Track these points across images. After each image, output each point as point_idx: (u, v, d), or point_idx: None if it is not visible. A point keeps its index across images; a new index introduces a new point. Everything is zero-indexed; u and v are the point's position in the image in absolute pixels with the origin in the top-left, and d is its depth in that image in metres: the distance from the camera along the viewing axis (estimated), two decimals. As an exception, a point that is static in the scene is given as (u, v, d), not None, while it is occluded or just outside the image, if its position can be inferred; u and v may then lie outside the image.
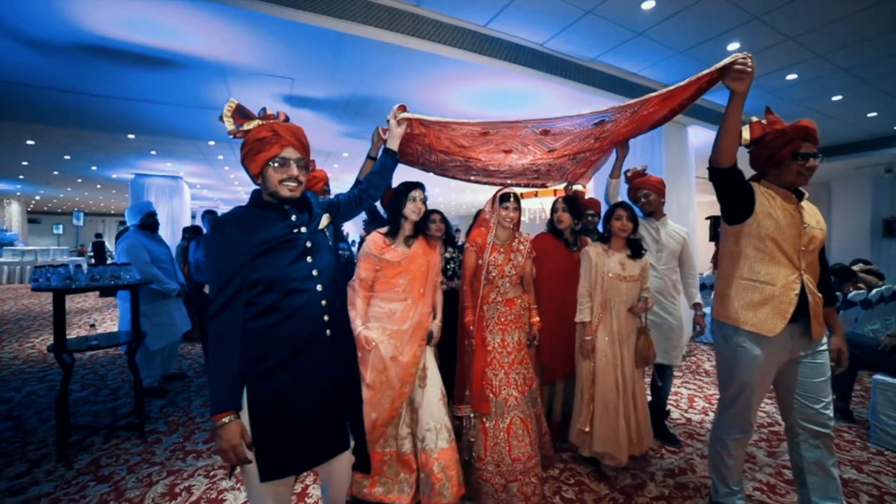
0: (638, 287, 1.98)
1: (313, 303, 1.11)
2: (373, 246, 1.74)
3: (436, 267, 1.83)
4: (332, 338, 1.15)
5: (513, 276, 1.92)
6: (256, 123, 1.10)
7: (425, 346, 1.75)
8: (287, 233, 1.11)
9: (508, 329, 1.91)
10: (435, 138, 1.81)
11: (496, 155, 2.01)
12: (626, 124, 1.75)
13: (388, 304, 1.73)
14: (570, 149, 1.98)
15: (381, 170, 1.51)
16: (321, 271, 1.14)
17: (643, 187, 2.35)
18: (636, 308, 1.95)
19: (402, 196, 1.77)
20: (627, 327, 1.97)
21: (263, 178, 1.12)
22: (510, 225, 1.91)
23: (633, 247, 2.00)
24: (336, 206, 1.38)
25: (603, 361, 1.94)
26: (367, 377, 1.65)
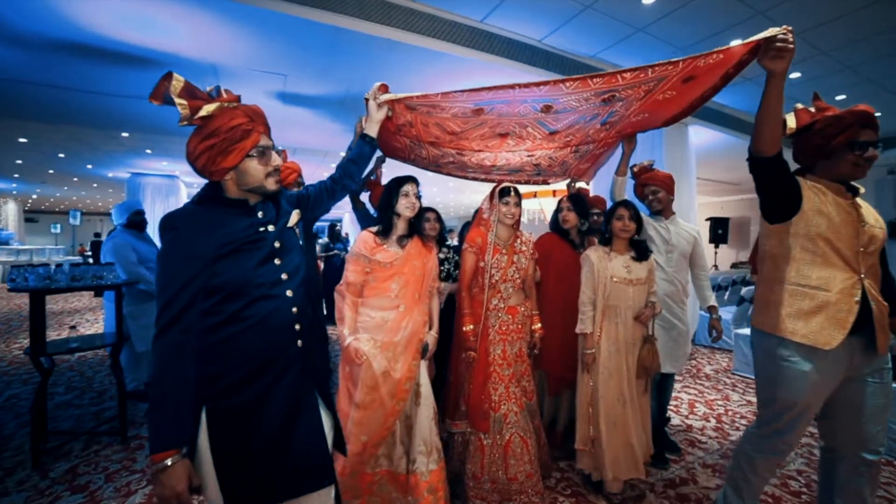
0: (645, 291, 1.83)
1: (283, 310, 0.99)
2: (363, 245, 1.60)
3: (432, 270, 1.69)
4: (304, 349, 1.03)
5: (516, 280, 1.79)
6: (217, 107, 0.93)
7: (420, 359, 1.60)
8: (253, 232, 0.97)
9: (510, 339, 1.77)
10: (422, 126, 1.65)
11: (491, 141, 1.82)
12: (637, 109, 1.55)
13: (379, 312, 1.58)
14: (573, 134, 1.79)
15: (357, 157, 1.36)
16: (291, 275, 1.02)
17: (651, 184, 2.18)
18: (643, 316, 1.79)
19: (393, 191, 1.65)
20: (634, 336, 1.81)
21: (240, 174, 0.97)
22: (511, 222, 1.78)
23: (637, 248, 1.85)
24: (305, 199, 1.23)
25: (605, 374, 1.77)
26: (356, 395, 1.50)
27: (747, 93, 4.09)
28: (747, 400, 3.08)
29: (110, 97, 3.95)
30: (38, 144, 6.25)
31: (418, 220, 1.74)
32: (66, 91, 3.81)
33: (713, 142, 5.03)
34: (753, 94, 4.08)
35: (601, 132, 1.79)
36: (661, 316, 1.99)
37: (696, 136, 4.47)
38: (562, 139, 1.84)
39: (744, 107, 4.51)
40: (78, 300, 7.85)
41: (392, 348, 1.54)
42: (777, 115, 1.21)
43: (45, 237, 17.06)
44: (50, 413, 2.65)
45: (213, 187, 0.99)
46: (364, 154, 1.37)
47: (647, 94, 1.41)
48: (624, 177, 2.12)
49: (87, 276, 2.30)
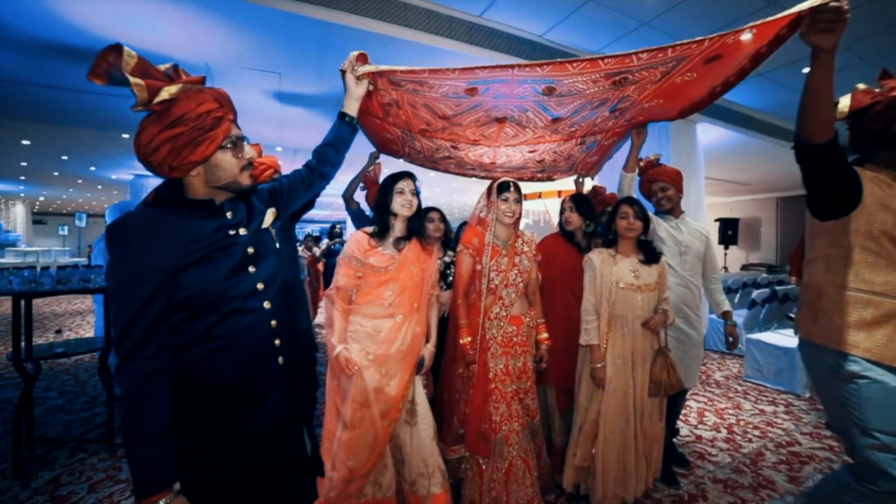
0: (655, 298, 1.64)
1: (260, 325, 0.88)
2: (355, 247, 1.46)
3: (432, 277, 1.54)
4: (286, 366, 0.93)
5: (518, 284, 1.63)
6: (181, 89, 0.78)
7: (415, 375, 1.47)
8: (222, 236, 0.85)
9: (514, 353, 1.60)
10: (410, 108, 1.49)
11: (488, 129, 1.65)
12: (651, 94, 1.39)
13: (372, 320, 1.43)
14: (578, 123, 1.62)
15: (335, 140, 1.19)
16: (268, 283, 0.91)
17: (660, 180, 1.99)
18: (652, 322, 1.59)
19: (388, 189, 1.51)
20: (643, 348, 1.63)
21: (210, 169, 0.83)
22: (511, 221, 1.62)
23: (645, 250, 1.67)
24: (279, 194, 1.07)
25: (609, 391, 1.60)
26: (345, 413, 1.36)
27: (758, 90, 3.95)
28: (760, 409, 2.94)
29: (107, 97, 3.93)
30: (40, 146, 6.27)
31: (419, 221, 1.60)
32: (64, 92, 3.79)
33: (722, 140, 4.88)
34: (764, 90, 3.94)
35: (609, 120, 1.62)
36: (674, 325, 1.81)
37: (705, 134, 4.34)
38: (566, 128, 1.66)
39: (754, 104, 4.37)
40: (81, 302, 7.87)
41: (386, 362, 1.40)
42: (827, 96, 1.03)
43: (53, 239, 17.26)
44: (41, 418, 2.60)
45: (172, 186, 0.86)
46: (343, 136, 1.20)
47: (665, 76, 1.24)
48: (633, 173, 1.94)
49: (73, 280, 2.24)
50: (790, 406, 2.99)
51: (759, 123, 4.61)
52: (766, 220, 9.43)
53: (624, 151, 1.97)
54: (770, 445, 2.39)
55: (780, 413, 2.87)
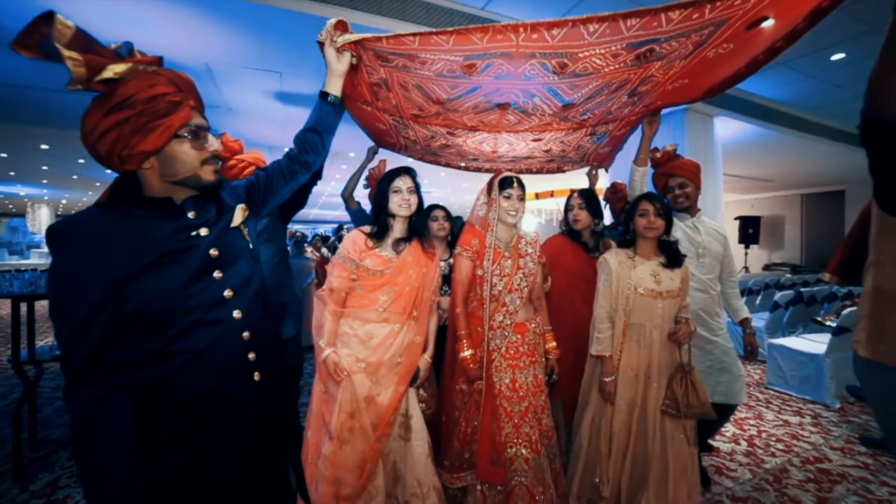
0: (677, 305, 1.49)
1: (229, 338, 0.79)
2: (351, 247, 1.38)
3: (433, 282, 1.44)
4: (264, 382, 0.83)
5: (523, 290, 1.50)
6: (130, 68, 0.69)
7: (408, 386, 1.38)
8: (180, 238, 0.76)
9: (521, 365, 1.47)
10: (401, 90, 1.34)
11: (488, 115, 1.49)
12: (677, 73, 1.20)
13: (364, 325, 1.34)
14: (592, 110, 1.45)
15: (317, 124, 1.05)
16: (238, 290, 0.81)
17: (677, 174, 1.81)
18: (679, 334, 1.42)
19: (384, 188, 1.42)
20: (662, 362, 1.47)
21: (166, 161, 0.75)
22: (514, 219, 1.50)
23: (667, 252, 1.51)
24: (255, 188, 0.97)
25: (619, 406, 1.47)
26: (331, 423, 1.26)
27: (781, 80, 3.72)
28: (784, 420, 2.75)
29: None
30: (59, 151, 6.45)
31: (421, 221, 1.49)
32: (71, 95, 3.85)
33: (741, 134, 4.65)
34: (788, 81, 3.72)
35: (625, 107, 1.45)
36: (695, 334, 1.64)
37: (723, 128, 4.13)
38: (576, 116, 1.50)
39: (777, 95, 4.13)
40: None
41: (378, 370, 1.31)
42: None
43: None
44: (47, 419, 2.62)
45: (127, 182, 0.76)
46: (326, 119, 1.07)
47: (697, 48, 1.06)
48: (645, 167, 1.78)
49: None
50: (818, 417, 2.79)
51: (783, 116, 4.36)
52: (791, 217, 9.02)
53: (634, 141, 1.80)
54: (796, 461, 2.21)
55: (806, 425, 2.67)
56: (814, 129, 4.67)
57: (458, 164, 2.13)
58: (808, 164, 6.33)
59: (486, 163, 2.10)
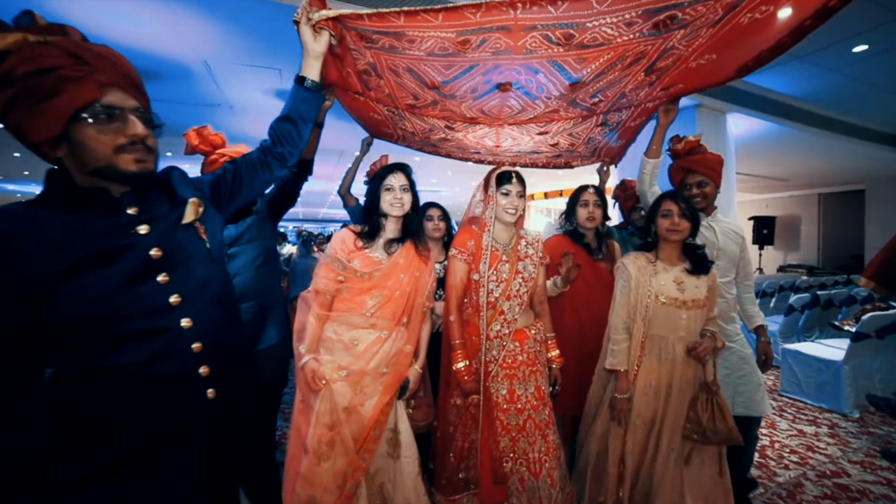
0: (703, 317, 1.37)
1: (174, 351, 0.70)
2: (339, 246, 1.29)
3: (426, 288, 1.35)
4: (219, 402, 0.75)
5: (523, 296, 1.39)
6: (16, 39, 0.61)
7: (396, 398, 1.29)
8: (114, 236, 0.67)
9: (519, 375, 1.36)
10: (391, 75, 1.24)
11: (488, 101, 1.36)
12: (704, 45, 1.04)
13: (349, 330, 1.26)
14: (603, 91, 1.29)
15: (291, 112, 0.95)
16: (189, 295, 0.73)
17: (697, 171, 1.61)
18: (700, 349, 1.29)
19: (376, 185, 1.34)
20: (686, 378, 1.33)
21: (75, 148, 0.65)
22: (514, 218, 1.39)
23: (693, 256, 1.39)
24: (221, 182, 0.89)
25: (634, 426, 1.34)
26: (308, 436, 1.16)
27: (798, 75, 3.57)
28: (798, 430, 2.63)
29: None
30: (71, 150, 6.56)
31: (416, 220, 1.40)
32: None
33: (756, 132, 4.49)
34: (806, 76, 3.56)
35: (642, 88, 1.28)
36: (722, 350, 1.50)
37: (736, 125, 3.99)
38: (586, 98, 1.35)
39: (794, 91, 3.97)
40: None
41: (362, 379, 1.22)
42: None
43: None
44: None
45: (58, 173, 0.68)
46: (301, 107, 0.96)
47: (728, 11, 0.92)
48: (657, 159, 1.61)
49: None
50: (835, 427, 2.66)
51: (800, 112, 4.19)
52: (807, 217, 8.74)
53: (645, 133, 1.66)
54: (811, 475, 2.10)
55: (822, 436, 2.55)
56: (833, 126, 4.48)
57: (458, 155, 2.04)
58: (827, 163, 6.10)
59: (488, 156, 1.98)
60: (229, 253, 1.40)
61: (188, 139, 1.41)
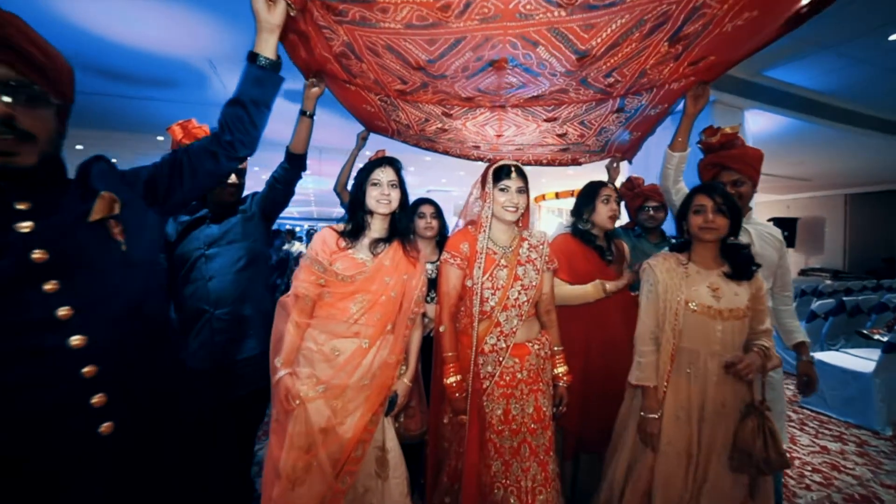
0: (744, 330, 1.20)
1: (57, 375, 0.60)
2: (320, 247, 1.19)
3: (415, 292, 1.25)
4: (118, 439, 0.64)
5: (522, 306, 1.25)
6: None
7: (382, 414, 1.18)
8: None
9: (517, 395, 1.23)
10: (372, 57, 1.12)
11: (482, 79, 1.21)
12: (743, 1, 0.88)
13: (330, 339, 1.16)
14: (618, 69, 1.12)
15: (242, 94, 0.85)
16: (84, 308, 0.62)
17: (732, 167, 1.43)
18: (741, 367, 1.12)
19: (362, 180, 1.25)
20: (721, 399, 1.17)
21: None
22: (513, 217, 1.25)
23: (734, 259, 1.22)
24: (159, 174, 0.79)
25: (665, 453, 1.19)
26: (281, 459, 1.08)
27: (824, 68, 3.36)
28: (822, 446, 2.46)
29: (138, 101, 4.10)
30: (91, 150, 6.68)
31: (405, 219, 1.30)
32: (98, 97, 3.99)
33: (776, 129, 4.28)
34: (833, 69, 3.35)
35: (666, 61, 1.10)
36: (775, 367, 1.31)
37: (754, 122, 3.80)
38: (598, 77, 1.16)
39: (818, 86, 3.75)
40: None
41: (343, 395, 1.12)
42: None
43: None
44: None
45: None
46: (251, 90, 0.85)
47: None
48: (684, 152, 1.44)
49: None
50: (864, 446, 2.47)
51: (825, 108, 3.96)
52: (832, 219, 8.36)
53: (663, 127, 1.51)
54: (837, 498, 1.94)
55: (849, 454, 2.37)
56: (862, 122, 4.22)
57: (457, 151, 1.94)
58: (855, 161, 5.79)
59: (488, 151, 1.87)
60: (207, 254, 1.33)
61: (172, 134, 1.37)
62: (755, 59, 3.46)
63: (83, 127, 5.16)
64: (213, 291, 1.31)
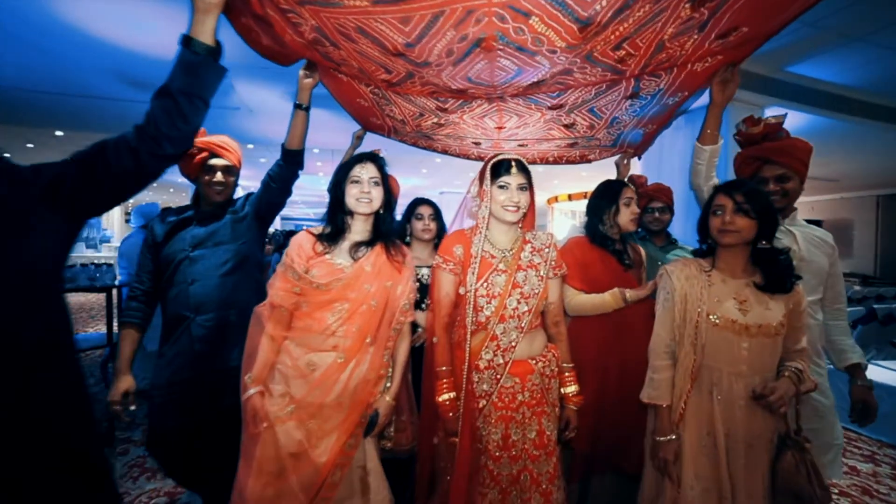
0: (776, 348, 1.06)
1: None
2: (296, 252, 1.10)
3: (401, 300, 1.15)
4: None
5: (522, 317, 1.13)
6: None
7: (362, 437, 1.08)
8: None
9: (518, 418, 1.11)
10: (346, 41, 1.02)
11: (472, 64, 1.09)
12: None
13: (307, 353, 1.06)
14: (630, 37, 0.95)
15: (171, 82, 0.76)
16: None
17: (777, 161, 1.27)
18: (773, 398, 0.98)
19: (342, 178, 1.15)
20: (752, 428, 1.03)
21: None
22: (514, 218, 1.14)
23: (767, 266, 1.07)
24: (66, 173, 0.71)
25: (692, 489, 1.04)
26: (247, 486, 1.00)
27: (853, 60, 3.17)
28: (850, 466, 2.28)
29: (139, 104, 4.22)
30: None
31: (391, 219, 1.22)
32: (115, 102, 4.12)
33: (799, 127, 4.07)
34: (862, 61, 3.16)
35: (689, 33, 0.94)
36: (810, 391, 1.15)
37: (777, 120, 3.62)
38: (607, 50, 0.99)
39: (847, 80, 3.54)
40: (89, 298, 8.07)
41: (318, 414, 1.02)
42: None
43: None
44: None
45: None
46: (182, 78, 0.75)
47: None
48: (715, 145, 1.30)
49: (80, 278, 2.29)
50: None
51: (856, 104, 3.74)
52: (862, 222, 7.95)
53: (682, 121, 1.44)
54: (867, 525, 1.81)
55: (883, 476, 2.19)
56: (895, 118, 3.99)
57: (456, 149, 1.85)
58: (888, 160, 5.49)
59: (490, 148, 1.77)
60: (191, 256, 1.27)
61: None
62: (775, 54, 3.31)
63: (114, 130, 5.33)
64: (193, 296, 1.25)
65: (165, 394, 1.25)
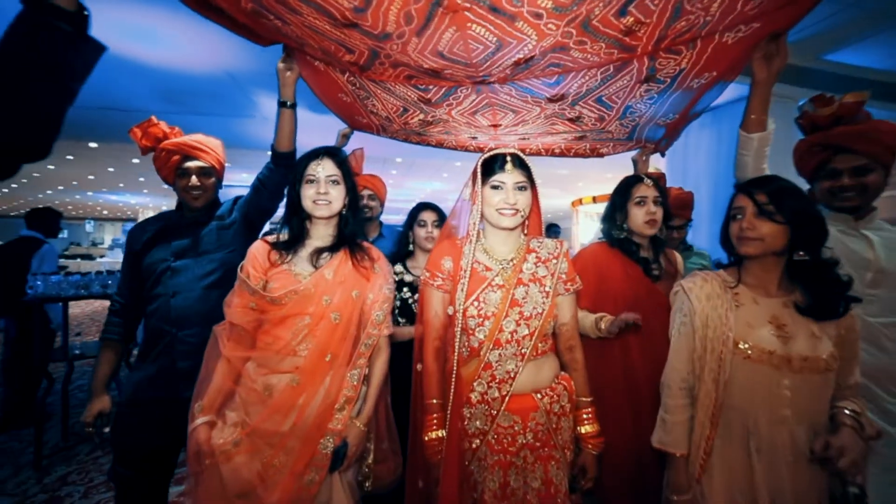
0: (827, 388, 0.84)
1: None
2: (250, 265, 0.99)
3: (371, 310, 1.02)
4: None
5: (523, 341, 0.94)
6: None
7: (326, 472, 0.92)
8: None
9: (519, 463, 0.92)
10: (282, 6, 0.85)
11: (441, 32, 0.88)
12: None
13: (265, 375, 0.95)
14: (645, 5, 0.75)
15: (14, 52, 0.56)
16: None
17: (856, 149, 1.04)
18: (843, 463, 0.75)
19: (296, 178, 1.03)
20: (797, 485, 0.82)
21: None
22: (512, 224, 0.96)
23: (811, 285, 0.86)
24: None
25: None
26: None
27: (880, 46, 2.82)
28: None
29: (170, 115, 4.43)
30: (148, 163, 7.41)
31: (353, 222, 1.07)
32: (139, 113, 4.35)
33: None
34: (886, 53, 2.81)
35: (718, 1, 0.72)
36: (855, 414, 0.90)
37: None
38: (608, 15, 0.78)
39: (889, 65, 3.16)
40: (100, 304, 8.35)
41: (273, 444, 0.89)
42: None
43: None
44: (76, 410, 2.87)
45: None
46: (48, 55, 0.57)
47: None
48: (763, 132, 1.06)
49: (93, 285, 2.41)
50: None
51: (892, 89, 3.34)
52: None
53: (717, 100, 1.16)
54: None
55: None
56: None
57: (452, 143, 1.71)
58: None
59: (489, 140, 1.62)
60: (174, 266, 1.19)
61: (134, 138, 1.27)
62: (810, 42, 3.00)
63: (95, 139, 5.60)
64: (175, 309, 1.16)
65: (136, 412, 1.15)
